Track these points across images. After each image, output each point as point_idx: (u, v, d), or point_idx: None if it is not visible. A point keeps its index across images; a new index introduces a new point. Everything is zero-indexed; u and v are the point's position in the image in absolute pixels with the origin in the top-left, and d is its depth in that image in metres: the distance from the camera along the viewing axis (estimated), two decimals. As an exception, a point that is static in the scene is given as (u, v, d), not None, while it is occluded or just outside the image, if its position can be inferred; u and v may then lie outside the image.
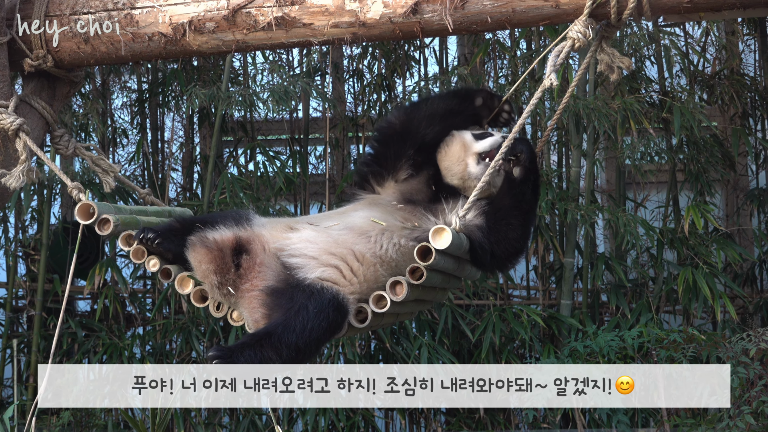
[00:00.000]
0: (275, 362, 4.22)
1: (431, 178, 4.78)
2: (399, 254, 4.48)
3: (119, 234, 4.66)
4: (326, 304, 4.28)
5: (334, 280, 4.37)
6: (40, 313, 9.37)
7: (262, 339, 4.22)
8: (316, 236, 4.51)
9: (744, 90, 10.07)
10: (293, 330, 4.21)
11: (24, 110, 5.06)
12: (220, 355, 4.13)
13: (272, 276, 4.42)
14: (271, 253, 4.49)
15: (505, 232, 4.57)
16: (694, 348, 7.66)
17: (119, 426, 9.14)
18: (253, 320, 4.46)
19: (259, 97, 9.36)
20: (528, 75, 9.71)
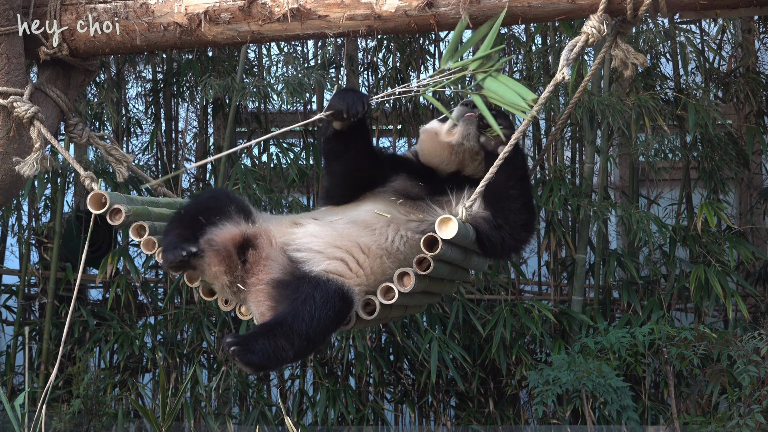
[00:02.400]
0: (288, 352, 4.23)
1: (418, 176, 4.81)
2: (406, 246, 4.49)
3: (131, 224, 4.67)
4: (332, 294, 4.29)
5: (340, 273, 4.38)
6: (52, 301, 9.40)
7: (274, 328, 4.22)
8: (321, 230, 4.52)
9: (759, 88, 10.05)
10: (302, 319, 4.22)
11: (39, 98, 5.07)
12: (237, 342, 4.14)
13: (278, 269, 4.43)
14: (278, 247, 4.49)
15: (508, 205, 4.57)
16: (705, 346, 7.66)
17: (129, 415, 9.16)
18: (259, 313, 4.47)
19: (273, 88, 9.37)
20: (543, 70, 9.72)
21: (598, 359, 8.37)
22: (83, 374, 8.92)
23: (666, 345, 8.08)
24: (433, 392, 9.43)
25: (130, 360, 9.53)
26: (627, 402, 8.18)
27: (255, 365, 4.19)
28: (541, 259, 10.12)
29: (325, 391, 9.06)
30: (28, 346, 9.46)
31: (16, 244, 10.28)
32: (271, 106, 10.46)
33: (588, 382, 8.04)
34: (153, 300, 9.99)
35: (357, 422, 9.01)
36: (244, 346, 4.14)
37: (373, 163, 4.75)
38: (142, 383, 9.60)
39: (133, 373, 9.52)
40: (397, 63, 10.35)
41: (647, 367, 8.84)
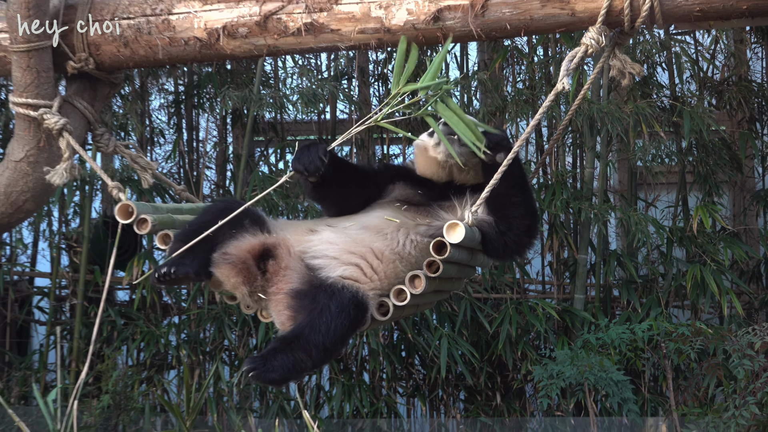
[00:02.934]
0: (306, 363, 4.23)
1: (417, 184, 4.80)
2: (416, 250, 4.49)
3: (156, 232, 4.68)
4: (347, 303, 4.28)
5: (355, 278, 4.38)
6: (81, 302, 9.42)
7: (291, 342, 4.22)
8: (336, 237, 4.51)
9: (751, 96, 10.04)
10: (319, 330, 4.21)
11: (67, 110, 5.07)
12: (255, 367, 4.14)
13: (297, 278, 4.42)
14: (296, 255, 4.49)
15: (512, 212, 4.54)
16: (702, 341, 7.64)
17: (156, 409, 9.17)
18: (279, 322, 4.46)
19: (288, 99, 9.38)
20: (545, 80, 9.71)
21: (600, 354, 8.36)
22: (112, 371, 8.93)
23: (664, 340, 8.07)
24: (443, 386, 9.42)
25: (155, 357, 9.54)
26: (627, 395, 8.16)
27: (276, 381, 4.20)
28: (544, 259, 10.10)
29: (341, 385, 9.05)
30: (59, 344, 9.48)
31: (47, 248, 10.30)
32: (287, 115, 10.47)
33: (590, 376, 8.03)
34: (177, 300, 10.00)
35: (371, 415, 9.00)
36: (262, 368, 4.14)
37: (364, 184, 4.74)
38: (168, 379, 9.61)
39: (158, 370, 9.53)
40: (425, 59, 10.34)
41: (646, 361, 8.82)
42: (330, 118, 10.51)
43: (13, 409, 8.16)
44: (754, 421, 6.57)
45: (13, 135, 5.13)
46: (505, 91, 9.90)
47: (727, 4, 4.30)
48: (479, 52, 10.71)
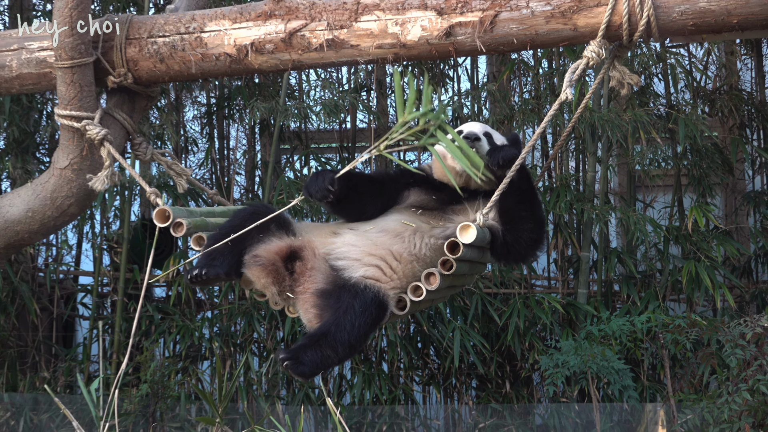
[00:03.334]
0: (333, 359, 4.29)
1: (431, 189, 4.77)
2: (431, 251, 4.50)
3: (191, 235, 4.71)
4: (369, 303, 4.30)
5: (376, 278, 4.40)
6: (122, 299, 9.44)
7: (320, 339, 4.25)
8: (357, 240, 4.53)
9: (741, 104, 10.01)
10: (344, 329, 4.24)
11: (108, 121, 5.09)
12: (289, 357, 4.17)
13: (322, 278, 4.43)
14: (321, 257, 4.50)
15: (522, 225, 4.55)
16: (697, 332, 7.60)
17: (190, 397, 9.19)
18: (307, 319, 4.48)
19: (312, 110, 9.39)
20: (549, 91, 9.69)
21: (602, 345, 8.33)
22: (150, 362, 8.94)
23: (662, 331, 8.04)
24: (456, 375, 9.41)
25: (190, 349, 9.55)
26: (628, 382, 8.14)
27: (306, 375, 4.24)
28: (549, 257, 10.09)
29: (362, 375, 9.05)
30: (101, 338, 9.48)
31: (90, 249, 10.33)
32: (311, 125, 10.47)
33: (593, 365, 8.01)
34: (210, 296, 10.02)
35: (390, 402, 8.99)
36: (295, 360, 4.18)
37: (380, 193, 4.75)
38: (201, 370, 9.62)
39: (193, 361, 9.54)
40: (421, 86, 10.34)
41: (645, 351, 8.80)
42: (350, 127, 10.51)
43: (59, 397, 8.20)
44: (746, 406, 6.53)
45: (59, 145, 5.16)
46: (512, 101, 9.89)
47: (718, 19, 4.30)
48: (488, 64, 10.70)
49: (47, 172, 5.21)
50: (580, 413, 8.75)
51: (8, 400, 8.98)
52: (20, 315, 9.78)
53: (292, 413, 8.81)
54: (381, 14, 4.63)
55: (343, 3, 4.70)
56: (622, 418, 8.58)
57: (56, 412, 8.84)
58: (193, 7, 5.31)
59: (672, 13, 4.32)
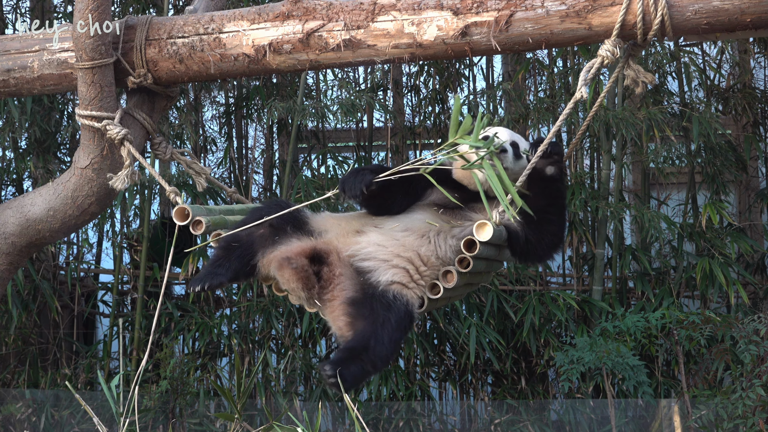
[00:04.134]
0: (372, 372, 4.31)
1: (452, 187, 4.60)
2: (451, 251, 4.45)
3: (210, 232, 4.72)
4: (403, 316, 4.31)
5: (403, 283, 4.36)
6: (142, 296, 9.47)
7: (361, 353, 4.24)
8: (384, 239, 4.46)
9: (755, 102, 9.98)
10: (383, 343, 4.25)
11: (128, 121, 5.10)
12: (334, 374, 4.15)
13: (350, 285, 4.38)
14: (346, 260, 4.45)
15: (546, 227, 4.49)
16: (711, 328, 7.59)
17: (209, 393, 9.21)
18: (337, 327, 4.43)
19: (329, 109, 9.39)
20: (564, 89, 9.68)
21: (617, 341, 8.32)
22: (169, 359, 8.97)
23: (676, 328, 8.02)
24: (472, 371, 9.41)
25: (209, 346, 9.58)
26: (642, 378, 8.13)
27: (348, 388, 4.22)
28: (565, 254, 10.08)
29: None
30: (122, 335, 9.54)
31: (110, 247, 10.37)
32: (328, 124, 10.49)
33: (608, 361, 7.99)
34: (228, 294, 10.04)
35: (406, 398, 9.00)
36: (341, 377, 4.16)
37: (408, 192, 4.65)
38: (220, 366, 9.65)
39: (212, 358, 9.57)
40: (437, 85, 10.35)
41: (660, 347, 8.78)
42: (367, 127, 10.52)
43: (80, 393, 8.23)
44: (759, 401, 6.52)
45: (80, 144, 5.18)
46: (527, 100, 9.88)
47: (732, 17, 4.28)
48: (503, 64, 10.70)
49: (68, 172, 5.23)
50: (594, 409, 8.73)
51: (30, 396, 9.02)
52: (42, 312, 9.82)
53: (309, 409, 8.83)
54: (397, 14, 4.63)
55: (360, 3, 4.70)
56: (636, 413, 8.56)
57: (77, 408, 8.88)
58: (212, 8, 5.32)
59: (686, 12, 4.31)
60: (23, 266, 8.69)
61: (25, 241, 5.35)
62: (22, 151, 9.70)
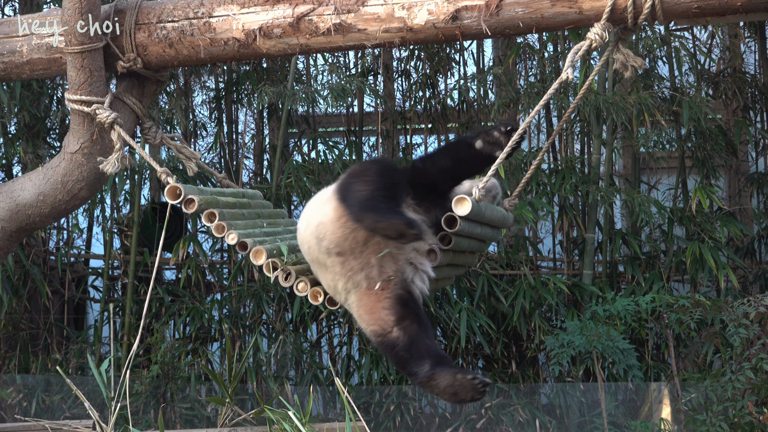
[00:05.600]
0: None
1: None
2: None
3: (203, 211, 4.70)
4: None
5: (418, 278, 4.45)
6: (132, 281, 9.46)
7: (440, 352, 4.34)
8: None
9: (745, 86, 10.00)
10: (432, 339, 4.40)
11: (117, 106, 5.10)
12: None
13: (400, 281, 4.40)
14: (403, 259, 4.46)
15: None
16: (701, 312, 7.61)
17: (201, 378, 9.22)
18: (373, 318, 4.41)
19: (319, 94, 9.38)
20: (555, 74, 9.68)
21: (607, 325, 8.34)
22: (160, 344, 8.98)
23: (666, 311, 8.04)
24: (462, 355, 9.43)
25: (200, 331, 9.58)
26: (632, 362, 8.15)
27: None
28: (555, 238, 10.10)
29: (369, 355, 9.07)
30: (112, 320, 9.54)
31: (101, 232, 10.36)
32: (318, 109, 10.48)
33: (598, 345, 8.02)
34: (219, 279, 10.05)
35: (397, 382, 9.02)
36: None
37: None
38: (211, 351, 9.66)
39: (203, 342, 9.57)
40: (427, 70, 10.34)
41: (650, 331, 8.81)
42: (358, 111, 10.51)
43: (70, 378, 8.24)
44: (749, 384, 6.55)
45: (69, 129, 5.17)
46: (518, 85, 9.88)
47: (722, 1, 4.29)
48: (494, 48, 10.69)
49: (58, 157, 5.22)
50: (585, 392, 8.77)
51: (21, 381, 9.03)
52: (32, 298, 9.82)
53: (301, 393, 8.84)
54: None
55: (350, -13, 4.69)
56: (626, 397, 8.60)
57: (68, 393, 8.88)
58: (202, -8, 5.30)
59: (676, -4, 4.32)
60: (13, 251, 8.68)
61: (14, 226, 5.35)
62: (11, 136, 9.68)
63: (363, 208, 4.14)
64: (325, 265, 4.41)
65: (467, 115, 10.27)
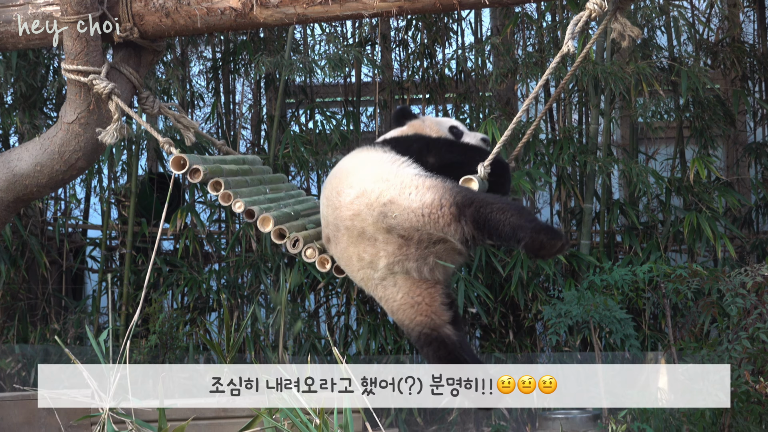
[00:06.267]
0: None
1: None
2: None
3: (208, 181, 4.70)
4: None
5: None
6: (130, 252, 9.47)
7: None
8: None
9: (744, 56, 9.97)
10: None
11: (114, 76, 5.09)
12: None
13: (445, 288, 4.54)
14: None
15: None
16: (698, 281, 7.62)
17: (199, 348, 9.25)
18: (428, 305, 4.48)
19: (317, 64, 9.35)
20: (553, 44, 9.65)
21: (604, 294, 8.36)
22: (158, 314, 9.00)
23: (663, 281, 8.05)
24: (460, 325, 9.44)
25: (198, 301, 9.60)
26: (629, 331, 8.18)
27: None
28: (553, 208, 10.10)
29: (367, 325, 9.09)
30: (110, 290, 9.56)
31: (98, 202, 10.36)
32: (316, 79, 10.45)
33: (595, 315, 8.04)
34: (217, 249, 10.06)
35: (395, 352, 9.05)
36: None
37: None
38: (209, 321, 9.68)
39: (201, 312, 9.60)
40: (425, 40, 10.30)
41: (647, 300, 8.83)
42: (355, 81, 10.49)
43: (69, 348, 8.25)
44: (745, 353, 6.56)
45: (66, 99, 5.16)
46: (516, 55, 9.85)
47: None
48: (492, 18, 10.65)
49: (55, 127, 5.22)
50: (582, 362, 8.80)
51: (19, 351, 9.05)
52: (30, 268, 9.83)
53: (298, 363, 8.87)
54: (385, -33, 4.62)
55: (347, -44, 4.67)
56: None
57: (67, 362, 8.90)
58: (198, -39, 5.28)
59: (675, -35, 4.30)
60: (11, 222, 8.69)
61: (12, 196, 5.35)
62: (7, 106, 9.65)
63: (537, 226, 4.17)
64: (371, 237, 4.36)
65: (465, 85, 10.25)
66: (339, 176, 4.60)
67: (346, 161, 4.72)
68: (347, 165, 4.64)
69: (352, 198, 4.38)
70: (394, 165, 4.45)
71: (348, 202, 4.38)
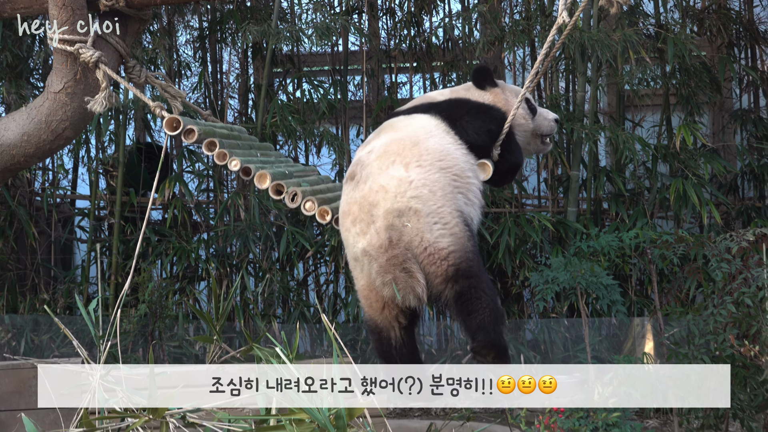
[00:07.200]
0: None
1: None
2: None
3: (202, 141, 4.70)
4: None
5: None
6: (118, 221, 9.47)
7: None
8: None
9: (730, 23, 9.97)
10: None
11: (100, 45, 5.07)
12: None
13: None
14: None
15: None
16: (684, 247, 7.65)
17: (188, 317, 9.26)
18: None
19: (304, 33, 9.32)
20: (540, 11, 9.63)
21: (591, 261, 8.38)
22: (147, 283, 9.00)
23: (649, 247, 8.08)
24: (448, 292, 9.47)
25: (187, 270, 9.61)
26: (616, 297, 8.20)
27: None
28: (540, 176, 10.12)
29: (356, 293, 9.11)
30: (99, 260, 9.55)
31: (86, 173, 10.34)
32: (303, 48, 10.42)
33: (582, 281, 8.06)
34: (205, 218, 10.05)
35: (383, 320, 9.06)
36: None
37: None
38: (198, 290, 9.69)
39: (190, 282, 9.61)
40: (412, 8, 10.27)
41: (633, 266, 8.87)
42: (342, 50, 10.46)
43: (59, 318, 8.26)
44: (730, 318, 6.59)
45: (52, 69, 5.14)
46: (503, 22, 9.83)
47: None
48: (479, -15, 10.62)
49: (41, 96, 5.20)
50: (569, 328, 8.85)
51: (9, 321, 9.06)
52: (18, 238, 9.82)
53: (288, 331, 8.90)
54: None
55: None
56: (610, 332, 8.68)
57: (56, 332, 8.92)
58: (184, -71, 5.26)
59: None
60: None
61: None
62: (-6, 76, 9.62)
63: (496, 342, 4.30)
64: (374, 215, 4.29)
65: (452, 54, 10.23)
66: (404, 142, 4.44)
67: (415, 125, 4.58)
68: (415, 134, 4.49)
69: (397, 178, 4.25)
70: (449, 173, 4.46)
71: (390, 176, 4.25)
